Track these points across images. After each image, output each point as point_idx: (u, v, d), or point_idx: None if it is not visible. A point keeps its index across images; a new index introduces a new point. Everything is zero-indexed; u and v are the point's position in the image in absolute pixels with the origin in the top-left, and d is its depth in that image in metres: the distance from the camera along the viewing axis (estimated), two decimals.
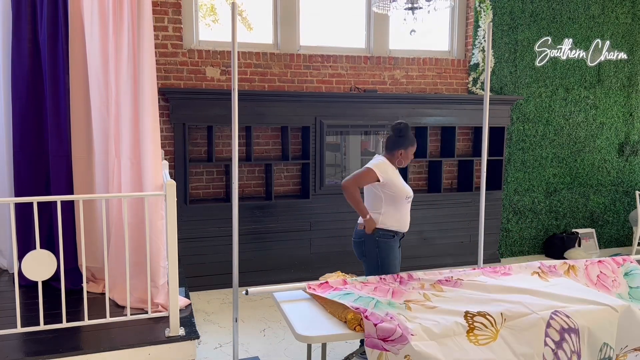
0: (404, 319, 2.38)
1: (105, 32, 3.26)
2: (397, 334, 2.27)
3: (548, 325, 2.44)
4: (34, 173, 3.53)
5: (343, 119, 5.23)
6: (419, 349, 2.23)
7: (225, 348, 3.77)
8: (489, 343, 2.35)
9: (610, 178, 6.54)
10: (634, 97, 6.51)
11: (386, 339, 2.28)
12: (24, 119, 3.48)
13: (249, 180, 5.23)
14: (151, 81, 3.03)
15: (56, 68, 3.40)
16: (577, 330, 2.46)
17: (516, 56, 5.89)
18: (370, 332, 2.32)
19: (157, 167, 3.06)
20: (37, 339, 2.72)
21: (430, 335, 2.31)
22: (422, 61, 5.71)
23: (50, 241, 3.41)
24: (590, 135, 6.36)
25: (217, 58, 5.00)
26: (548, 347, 2.40)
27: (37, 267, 2.63)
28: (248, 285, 4.99)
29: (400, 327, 2.30)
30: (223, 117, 4.78)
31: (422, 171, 5.88)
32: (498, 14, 5.75)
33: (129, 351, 2.70)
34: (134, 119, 3.16)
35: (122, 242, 3.09)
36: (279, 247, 5.14)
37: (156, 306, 3.05)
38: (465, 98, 5.62)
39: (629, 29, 6.35)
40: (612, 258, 3.05)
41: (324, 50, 5.39)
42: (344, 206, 5.34)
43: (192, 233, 4.85)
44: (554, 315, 2.47)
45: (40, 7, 3.41)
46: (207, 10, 5.20)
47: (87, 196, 3.07)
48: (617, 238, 6.69)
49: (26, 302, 3.08)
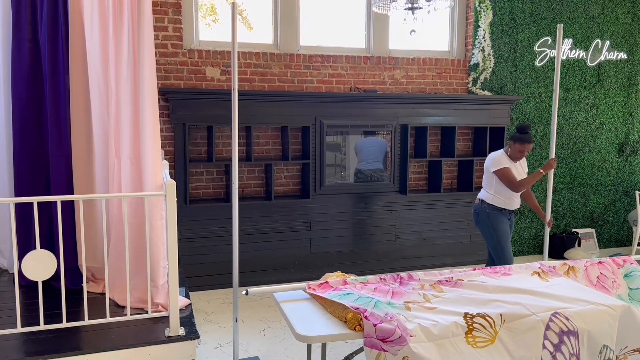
0: (404, 319, 2.38)
1: (105, 32, 3.26)
2: (396, 334, 2.27)
3: (547, 327, 2.43)
4: (34, 173, 3.53)
5: (343, 119, 5.23)
6: (417, 350, 2.23)
7: (225, 348, 3.77)
8: (487, 346, 2.35)
9: (610, 178, 6.54)
10: (634, 97, 6.51)
11: (385, 340, 2.28)
12: (24, 119, 3.48)
13: (249, 180, 5.23)
14: (151, 81, 3.03)
15: (56, 68, 3.40)
16: (576, 332, 2.46)
17: (516, 56, 5.89)
18: (369, 332, 2.32)
19: (157, 167, 3.06)
20: (37, 339, 2.72)
21: (429, 336, 2.30)
22: (422, 61, 5.71)
23: (50, 241, 3.41)
24: (590, 135, 6.36)
25: (217, 58, 5.00)
26: (546, 349, 2.40)
27: (37, 267, 2.63)
28: (248, 285, 5.00)
29: (400, 328, 2.30)
30: (223, 117, 4.78)
31: (422, 171, 5.88)
32: (498, 14, 5.75)
33: (129, 351, 2.69)
34: (134, 119, 3.16)
35: (122, 242, 3.09)
36: (279, 247, 5.14)
37: (156, 306, 3.05)
38: (465, 98, 5.62)
39: (629, 29, 6.35)
40: (612, 259, 3.04)
41: (324, 50, 5.39)
42: (343, 206, 5.35)
43: (192, 233, 4.85)
44: (554, 317, 2.46)
45: (40, 7, 3.41)
46: (207, 10, 5.20)
47: (87, 196, 3.07)
48: (617, 238, 6.69)
49: (26, 302, 3.08)
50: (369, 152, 5.49)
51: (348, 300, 2.55)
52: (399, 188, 5.54)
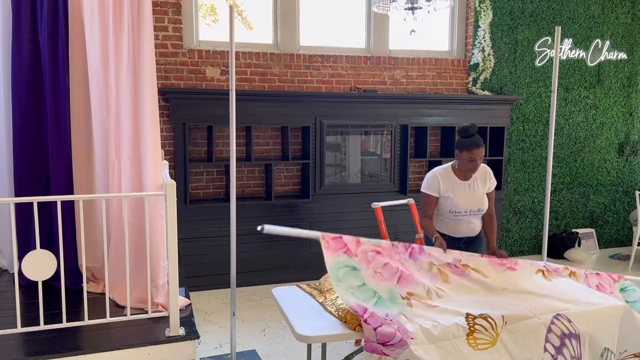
0: (404, 319, 2.37)
1: (105, 32, 3.26)
2: (396, 338, 2.26)
3: (549, 330, 2.43)
4: (34, 173, 3.53)
5: (343, 119, 5.23)
6: (418, 353, 2.22)
7: (225, 348, 3.77)
8: (488, 348, 2.35)
9: (610, 178, 6.54)
10: (634, 97, 6.51)
11: (385, 344, 2.27)
12: (24, 119, 3.48)
13: (249, 180, 5.23)
14: (151, 81, 3.03)
15: (56, 68, 3.40)
16: (577, 335, 2.45)
17: (516, 56, 5.89)
18: (369, 336, 2.31)
19: (157, 167, 3.06)
20: (37, 339, 2.72)
21: (430, 338, 2.29)
22: (422, 61, 5.71)
23: (50, 241, 3.41)
24: (590, 135, 6.36)
25: (217, 58, 5.00)
26: (548, 352, 2.39)
27: (37, 267, 2.63)
28: (248, 285, 5.01)
29: (400, 330, 2.28)
30: (223, 117, 4.78)
31: (422, 171, 5.88)
32: (498, 14, 5.75)
33: (128, 351, 2.70)
34: (134, 118, 3.16)
35: (122, 242, 3.09)
36: (279, 247, 5.14)
37: (156, 306, 3.05)
38: (465, 98, 5.62)
39: (629, 29, 6.35)
40: (608, 274, 3.04)
41: (324, 50, 5.39)
42: (344, 206, 5.35)
43: (192, 233, 4.85)
44: (555, 319, 2.46)
45: (40, 8, 3.41)
46: (207, 10, 5.20)
47: (87, 196, 3.07)
48: (617, 238, 6.69)
49: (26, 302, 3.08)
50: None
51: (349, 285, 2.49)
52: (399, 188, 5.54)
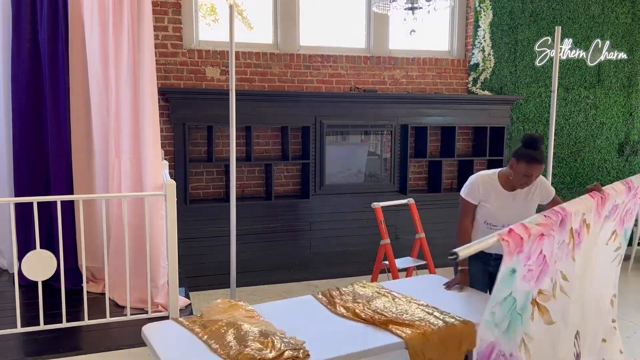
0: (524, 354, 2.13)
1: (105, 32, 3.26)
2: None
3: None
4: (34, 173, 3.53)
5: (343, 119, 5.23)
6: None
7: None
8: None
9: (610, 178, 6.53)
10: (634, 97, 6.51)
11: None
12: (24, 119, 3.48)
13: (249, 180, 5.23)
14: (151, 81, 3.03)
15: (56, 68, 3.40)
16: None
17: (516, 56, 5.89)
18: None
19: (157, 167, 3.06)
20: (37, 339, 2.73)
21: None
22: (422, 61, 5.71)
23: (50, 241, 3.41)
24: (590, 135, 6.36)
25: (217, 58, 5.00)
26: None
27: (37, 267, 2.63)
28: (248, 285, 5.01)
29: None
30: (223, 117, 4.78)
31: (422, 171, 5.88)
32: (498, 14, 5.75)
33: (129, 351, 2.70)
34: (133, 118, 3.16)
35: (122, 242, 3.09)
36: (279, 247, 5.14)
37: (156, 306, 3.05)
38: (465, 98, 5.62)
39: (629, 29, 6.35)
40: None
41: (324, 50, 5.38)
42: (344, 206, 5.35)
43: (192, 233, 4.84)
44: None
45: (40, 7, 3.41)
46: (207, 10, 5.20)
47: (87, 196, 3.07)
48: None
49: (26, 302, 3.08)
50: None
51: (491, 315, 2.05)
52: (399, 188, 5.54)
